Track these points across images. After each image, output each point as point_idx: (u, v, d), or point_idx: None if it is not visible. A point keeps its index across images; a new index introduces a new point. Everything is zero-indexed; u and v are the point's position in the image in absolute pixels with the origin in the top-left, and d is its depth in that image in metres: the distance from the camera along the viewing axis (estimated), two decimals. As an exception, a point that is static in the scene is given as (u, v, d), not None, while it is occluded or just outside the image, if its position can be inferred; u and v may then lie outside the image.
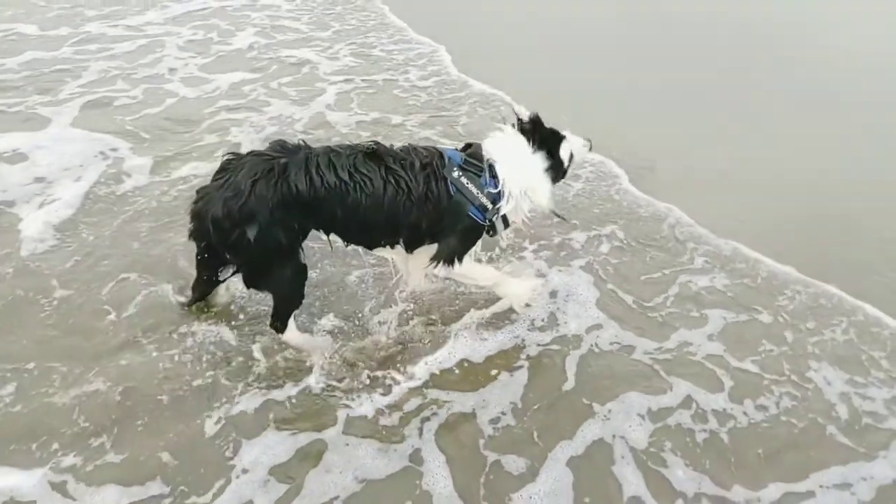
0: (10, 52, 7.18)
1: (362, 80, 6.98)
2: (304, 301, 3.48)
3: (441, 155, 3.32)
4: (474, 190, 3.28)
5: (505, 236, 4.01)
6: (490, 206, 3.33)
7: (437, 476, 2.98)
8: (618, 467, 3.10)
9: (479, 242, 3.58)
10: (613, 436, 3.23)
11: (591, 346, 3.74)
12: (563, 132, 3.66)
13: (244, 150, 5.34)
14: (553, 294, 4.08)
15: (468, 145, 3.50)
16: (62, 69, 6.85)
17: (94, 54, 7.28)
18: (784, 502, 2.99)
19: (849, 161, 5.75)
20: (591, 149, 3.79)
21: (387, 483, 2.95)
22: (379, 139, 3.47)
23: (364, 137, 5.75)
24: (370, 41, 8.08)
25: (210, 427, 3.11)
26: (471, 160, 3.34)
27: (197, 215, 3.12)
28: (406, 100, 6.65)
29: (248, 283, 3.34)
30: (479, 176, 3.31)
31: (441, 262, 3.38)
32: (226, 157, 3.20)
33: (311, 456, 3.03)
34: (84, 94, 6.37)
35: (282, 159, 3.06)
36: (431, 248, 3.43)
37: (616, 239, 4.63)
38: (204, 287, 3.57)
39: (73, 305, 3.76)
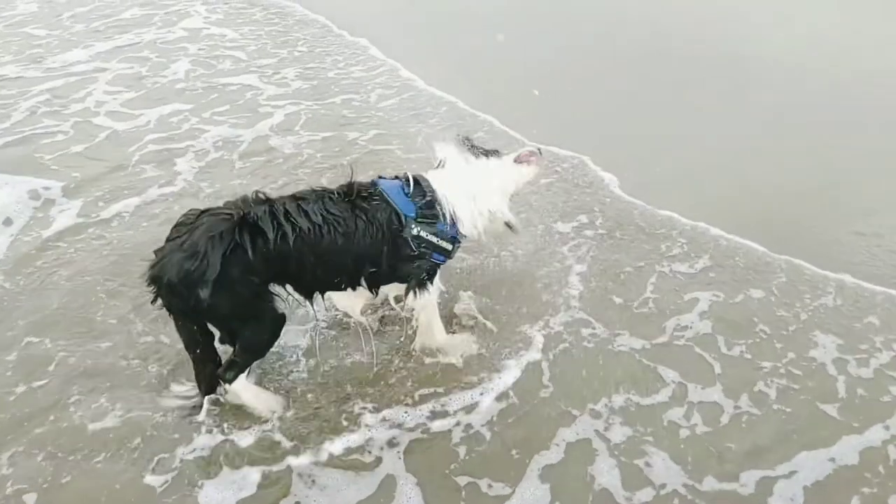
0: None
1: (315, 103, 7.18)
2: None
3: (397, 214, 3.48)
4: (436, 240, 3.56)
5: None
6: (451, 246, 3.64)
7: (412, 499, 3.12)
8: (596, 467, 3.29)
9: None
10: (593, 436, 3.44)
11: (571, 343, 3.99)
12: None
13: (179, 181, 5.69)
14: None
15: (416, 181, 3.65)
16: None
17: (16, 95, 7.36)
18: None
19: (806, 142, 6.26)
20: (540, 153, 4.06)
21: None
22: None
23: (311, 157, 6.03)
24: (323, 64, 8.26)
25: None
26: (425, 210, 3.54)
27: (155, 280, 3.14)
28: (360, 117, 6.86)
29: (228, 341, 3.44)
30: (436, 223, 3.56)
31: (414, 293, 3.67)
32: (183, 215, 3.29)
33: (280, 486, 3.17)
34: (7, 134, 6.49)
35: (242, 213, 3.17)
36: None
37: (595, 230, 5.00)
38: (209, 371, 3.49)
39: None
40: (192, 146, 6.28)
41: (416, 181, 3.61)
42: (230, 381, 3.39)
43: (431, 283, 3.69)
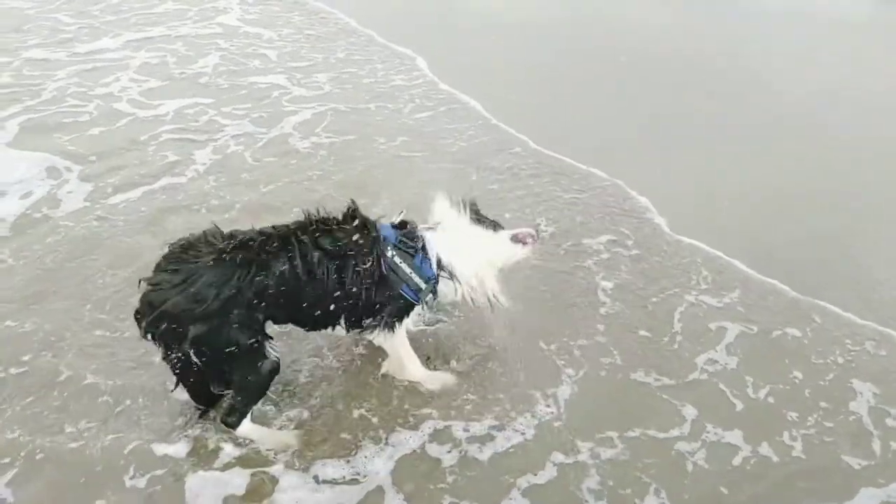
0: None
1: (343, 106, 7.38)
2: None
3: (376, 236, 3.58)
4: (409, 271, 3.63)
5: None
6: (424, 286, 3.68)
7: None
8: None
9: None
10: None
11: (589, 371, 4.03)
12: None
13: (189, 172, 5.91)
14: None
15: (405, 226, 3.76)
16: (4, 94, 7.25)
17: (43, 77, 7.69)
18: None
19: (838, 185, 6.28)
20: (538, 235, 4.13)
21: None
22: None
23: (324, 159, 6.22)
24: (361, 71, 8.48)
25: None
26: (405, 240, 3.65)
27: (150, 307, 3.19)
28: (390, 124, 7.04)
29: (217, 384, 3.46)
30: (414, 256, 3.65)
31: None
32: (175, 246, 3.33)
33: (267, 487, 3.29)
34: (30, 112, 6.82)
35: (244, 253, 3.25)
36: None
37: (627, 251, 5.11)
38: (204, 392, 3.55)
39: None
40: (209, 139, 6.50)
41: (406, 222, 3.76)
42: (234, 427, 3.44)
43: (400, 323, 3.73)
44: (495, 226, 3.96)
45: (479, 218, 3.91)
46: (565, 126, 7.21)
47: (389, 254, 3.56)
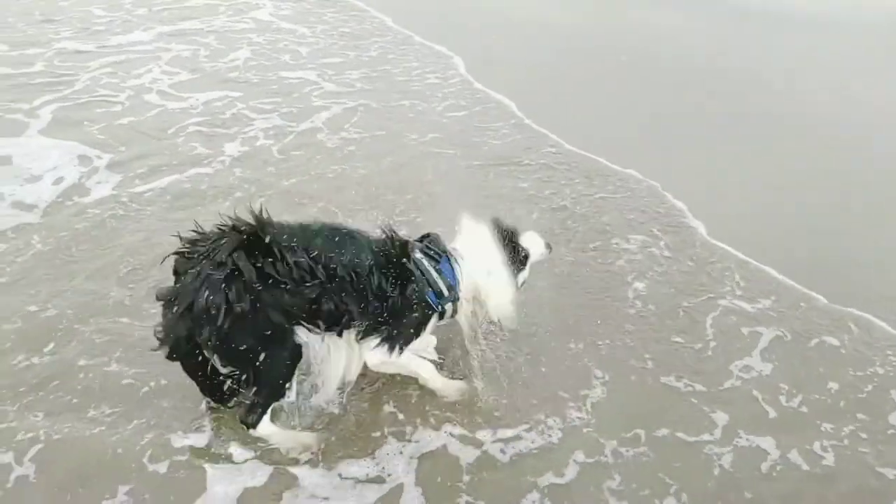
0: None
1: (374, 102, 7.50)
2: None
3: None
4: (435, 275, 3.65)
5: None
6: (447, 293, 3.69)
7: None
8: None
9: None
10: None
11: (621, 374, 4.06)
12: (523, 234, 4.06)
13: (215, 164, 6.05)
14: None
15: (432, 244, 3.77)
16: (39, 82, 7.47)
17: (76, 68, 7.91)
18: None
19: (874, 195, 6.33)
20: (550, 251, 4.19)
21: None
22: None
23: (351, 154, 6.32)
24: (395, 69, 8.60)
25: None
26: (431, 244, 3.72)
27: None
28: (421, 121, 7.15)
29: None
30: (440, 260, 3.71)
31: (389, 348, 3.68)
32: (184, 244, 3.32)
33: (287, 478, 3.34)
34: (63, 102, 7.01)
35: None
36: None
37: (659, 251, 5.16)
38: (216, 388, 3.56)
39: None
40: (238, 132, 6.64)
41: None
42: (254, 426, 3.44)
43: (415, 338, 3.71)
44: (519, 253, 3.96)
45: (508, 242, 3.91)
46: (602, 128, 7.28)
47: (417, 255, 3.62)
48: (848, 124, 7.63)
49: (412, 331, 3.65)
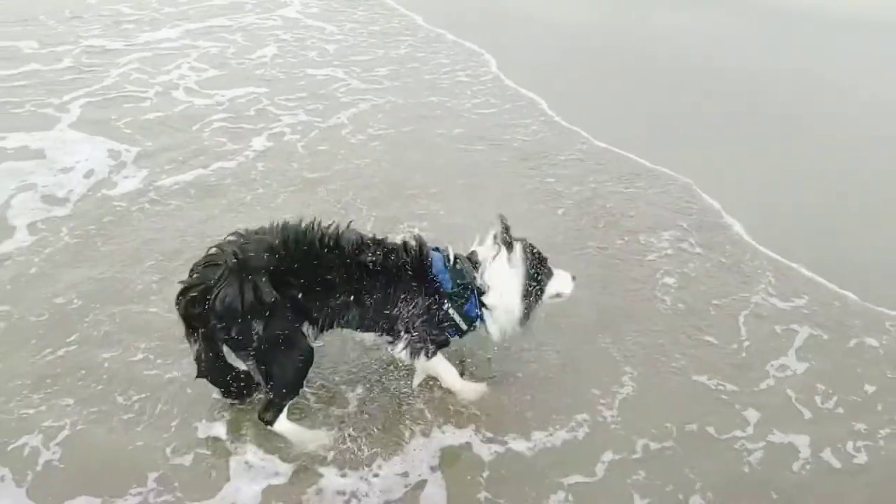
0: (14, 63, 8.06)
1: (401, 99, 7.59)
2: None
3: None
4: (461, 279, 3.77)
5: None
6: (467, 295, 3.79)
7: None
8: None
9: None
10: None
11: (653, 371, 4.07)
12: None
13: (239, 158, 6.17)
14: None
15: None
16: (69, 78, 7.67)
17: (105, 64, 8.12)
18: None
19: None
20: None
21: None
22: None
23: (373, 150, 6.41)
24: (425, 66, 8.68)
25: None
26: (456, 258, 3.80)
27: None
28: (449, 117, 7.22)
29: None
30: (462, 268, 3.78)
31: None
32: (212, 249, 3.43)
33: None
34: (93, 97, 7.21)
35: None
36: None
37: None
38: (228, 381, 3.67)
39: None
40: (264, 128, 6.76)
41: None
42: (271, 423, 3.54)
43: (445, 342, 3.81)
44: (544, 272, 3.93)
45: (532, 261, 3.88)
46: (634, 126, 7.31)
47: (445, 306, 3.69)
48: (883, 124, 7.60)
49: (435, 345, 3.77)
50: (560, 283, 3.92)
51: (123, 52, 8.51)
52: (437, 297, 3.66)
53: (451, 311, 3.71)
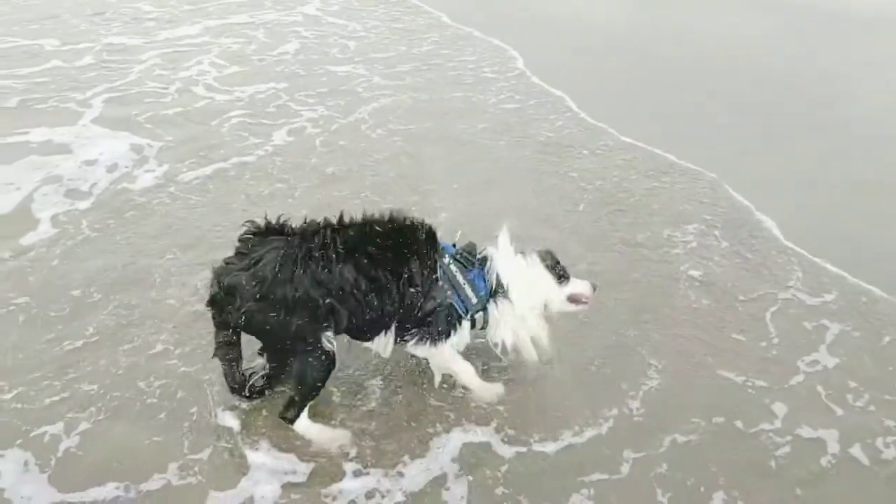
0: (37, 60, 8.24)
1: (423, 94, 7.67)
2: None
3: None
4: (462, 280, 3.74)
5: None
6: (475, 299, 3.76)
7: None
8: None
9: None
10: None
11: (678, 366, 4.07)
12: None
13: (258, 152, 6.26)
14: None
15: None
16: (91, 75, 7.82)
17: (128, 61, 8.28)
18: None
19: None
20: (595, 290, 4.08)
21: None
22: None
23: (391, 144, 6.46)
24: (449, 63, 8.75)
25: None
26: (463, 252, 3.80)
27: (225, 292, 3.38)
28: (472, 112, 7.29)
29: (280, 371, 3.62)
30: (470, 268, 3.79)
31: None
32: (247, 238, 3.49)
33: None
34: (114, 93, 7.37)
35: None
36: None
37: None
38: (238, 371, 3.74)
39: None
40: (284, 123, 6.84)
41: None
42: (292, 422, 3.59)
43: (446, 339, 3.77)
44: (564, 278, 3.96)
45: (549, 264, 3.92)
46: (661, 123, 7.30)
47: (445, 260, 3.70)
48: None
49: (443, 332, 3.73)
50: (579, 289, 3.92)
51: (144, 48, 8.66)
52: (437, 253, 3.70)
53: (452, 267, 3.69)
